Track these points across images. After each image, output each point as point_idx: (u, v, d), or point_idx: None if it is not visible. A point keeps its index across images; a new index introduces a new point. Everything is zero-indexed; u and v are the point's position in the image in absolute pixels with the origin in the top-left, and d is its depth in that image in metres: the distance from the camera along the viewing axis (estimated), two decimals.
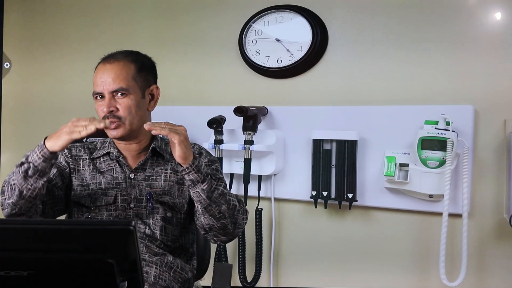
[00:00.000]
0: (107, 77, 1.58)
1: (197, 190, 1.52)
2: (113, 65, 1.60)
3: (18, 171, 1.49)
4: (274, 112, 2.41)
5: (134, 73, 1.62)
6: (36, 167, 1.47)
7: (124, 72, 1.60)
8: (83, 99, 2.85)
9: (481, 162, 2.10)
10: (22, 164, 1.49)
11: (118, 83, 1.58)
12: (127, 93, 1.59)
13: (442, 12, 2.16)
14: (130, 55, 1.66)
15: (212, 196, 1.53)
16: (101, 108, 1.59)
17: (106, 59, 1.63)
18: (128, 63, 1.62)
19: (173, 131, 1.46)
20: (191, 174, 1.50)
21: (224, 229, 1.59)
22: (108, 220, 1.58)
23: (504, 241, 2.09)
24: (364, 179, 2.25)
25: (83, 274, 1.07)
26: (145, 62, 1.68)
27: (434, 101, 2.15)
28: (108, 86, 1.58)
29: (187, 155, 1.48)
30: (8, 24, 3.06)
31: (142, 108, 1.63)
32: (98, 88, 1.60)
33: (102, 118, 1.59)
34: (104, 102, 1.59)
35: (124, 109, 1.59)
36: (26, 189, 1.48)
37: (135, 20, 2.77)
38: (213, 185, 1.53)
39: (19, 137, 3.07)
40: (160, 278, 1.57)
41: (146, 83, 1.66)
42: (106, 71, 1.60)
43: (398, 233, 2.24)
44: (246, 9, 2.47)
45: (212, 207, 1.54)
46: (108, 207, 1.63)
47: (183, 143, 1.47)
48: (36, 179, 1.48)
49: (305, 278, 2.41)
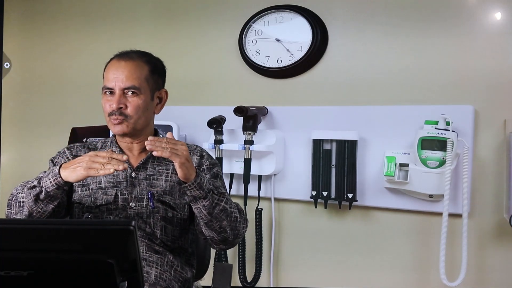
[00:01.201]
0: (121, 74, 1.59)
1: (198, 206, 1.52)
2: (128, 63, 1.61)
3: (29, 193, 1.50)
4: (274, 112, 2.41)
5: (147, 74, 1.63)
6: (48, 193, 1.48)
7: (138, 71, 1.61)
8: (83, 99, 2.86)
9: (481, 162, 2.10)
10: (34, 187, 1.49)
11: (131, 81, 1.59)
12: (138, 93, 1.60)
13: (442, 12, 2.16)
14: (144, 55, 1.66)
15: (214, 212, 1.53)
16: (109, 103, 1.60)
17: (121, 56, 1.64)
18: (142, 63, 1.63)
19: (174, 154, 1.44)
20: (192, 191, 1.50)
21: (225, 240, 1.60)
22: (108, 220, 1.58)
23: (504, 241, 2.09)
24: (364, 179, 2.25)
25: (83, 274, 1.07)
26: (158, 65, 1.69)
27: (434, 101, 2.15)
28: (120, 83, 1.59)
29: (188, 175, 1.48)
30: (8, 24, 3.06)
31: (149, 110, 1.65)
32: (109, 83, 1.60)
33: (108, 114, 1.60)
34: (113, 98, 1.59)
35: (132, 108, 1.59)
36: (36, 212, 1.50)
37: (135, 20, 2.77)
38: (215, 200, 1.53)
39: (19, 137, 3.07)
40: (161, 278, 1.57)
41: (156, 85, 1.67)
42: (120, 68, 1.60)
43: (398, 233, 2.24)
44: (246, 9, 2.47)
45: (213, 222, 1.55)
46: (108, 206, 1.62)
47: (184, 165, 1.46)
48: (47, 203, 1.50)
49: (305, 278, 2.41)
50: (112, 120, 1.60)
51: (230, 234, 1.58)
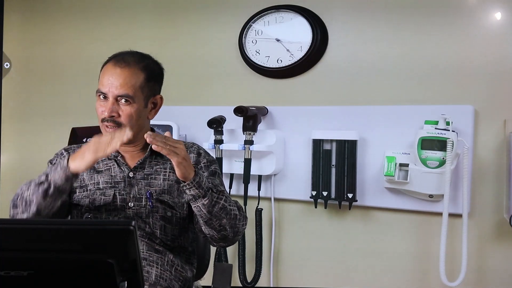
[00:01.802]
0: (115, 81, 1.57)
1: (197, 205, 1.52)
2: (123, 70, 1.58)
3: (37, 190, 1.49)
4: (274, 112, 2.41)
5: (142, 82, 1.60)
6: (58, 187, 1.48)
7: (132, 80, 1.58)
8: (83, 100, 2.86)
9: (481, 162, 2.10)
10: (42, 183, 1.49)
11: (125, 89, 1.57)
12: (131, 101, 1.58)
13: (442, 12, 2.16)
14: (142, 61, 1.63)
15: (213, 211, 1.53)
16: (102, 109, 1.59)
17: (117, 61, 1.60)
18: (138, 71, 1.60)
19: (172, 152, 1.44)
20: (192, 190, 1.50)
21: (225, 238, 1.60)
22: (108, 220, 1.58)
23: (504, 241, 2.09)
24: (364, 179, 2.25)
25: (83, 274, 1.07)
26: (155, 70, 1.66)
27: (434, 101, 2.15)
28: (114, 90, 1.57)
29: (186, 174, 1.48)
30: (8, 24, 3.06)
31: (142, 117, 1.63)
32: (104, 88, 1.59)
33: (101, 119, 1.59)
34: (106, 104, 1.58)
35: (125, 117, 1.58)
36: (44, 207, 1.49)
37: (135, 20, 2.77)
38: (214, 198, 1.53)
39: (19, 137, 3.07)
40: (162, 277, 1.57)
41: (151, 92, 1.64)
42: (114, 74, 1.58)
43: (398, 233, 2.24)
44: (246, 9, 2.47)
45: (213, 221, 1.54)
46: (107, 207, 1.62)
47: (182, 164, 1.46)
48: (55, 198, 1.49)
49: (305, 278, 2.41)
50: (105, 127, 1.59)
51: (230, 232, 1.58)
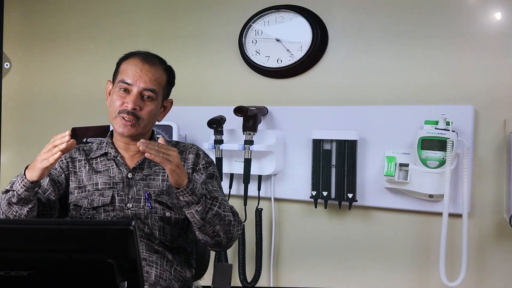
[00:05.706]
0: (145, 75, 1.60)
1: (191, 211, 1.51)
2: (152, 67, 1.62)
3: (3, 198, 1.49)
4: (274, 112, 2.41)
5: (165, 83, 1.67)
6: (19, 195, 1.46)
7: (159, 78, 1.64)
8: (83, 98, 2.86)
9: (481, 162, 2.10)
10: (7, 192, 1.49)
11: (153, 84, 1.61)
12: (154, 98, 1.62)
13: (442, 12, 2.16)
14: (164, 63, 1.69)
15: (206, 217, 1.52)
16: (122, 100, 1.59)
17: (146, 58, 1.64)
18: (163, 71, 1.66)
19: (165, 160, 1.44)
20: (185, 196, 1.49)
21: (218, 244, 1.60)
22: (108, 220, 1.58)
23: (504, 241, 2.09)
24: (364, 179, 2.25)
25: (83, 274, 1.07)
26: (172, 74, 1.72)
27: (434, 101, 2.15)
28: (142, 84, 1.59)
29: (179, 181, 1.47)
30: (8, 24, 3.07)
31: (156, 117, 1.67)
32: (130, 79, 1.60)
33: (118, 111, 1.59)
34: (129, 97, 1.59)
35: (146, 112, 1.61)
36: (11, 215, 1.48)
37: (135, 20, 2.77)
38: (208, 205, 1.52)
39: (19, 137, 3.07)
40: (161, 277, 1.57)
41: (166, 95, 1.71)
42: (144, 69, 1.61)
43: (398, 233, 2.24)
44: (246, 9, 2.47)
45: (206, 227, 1.54)
46: (105, 208, 1.62)
47: (175, 172, 1.46)
48: (21, 206, 1.48)
49: (305, 278, 2.41)
50: (122, 119, 1.59)
51: (224, 238, 1.58)
